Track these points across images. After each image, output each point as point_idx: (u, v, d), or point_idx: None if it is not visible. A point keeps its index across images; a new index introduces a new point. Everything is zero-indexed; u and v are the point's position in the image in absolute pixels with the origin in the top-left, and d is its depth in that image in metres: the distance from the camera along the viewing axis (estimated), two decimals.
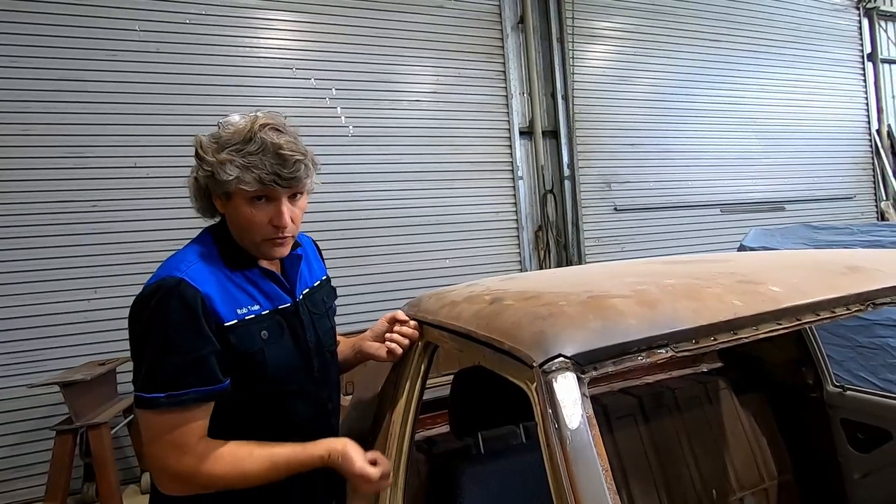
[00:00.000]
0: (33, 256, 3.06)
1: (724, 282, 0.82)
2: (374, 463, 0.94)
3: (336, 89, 3.84)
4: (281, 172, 0.94)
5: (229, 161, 0.92)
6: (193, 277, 0.92)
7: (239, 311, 0.96)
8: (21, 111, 3.06)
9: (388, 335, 1.14)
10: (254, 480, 0.92)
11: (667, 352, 0.65)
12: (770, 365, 1.72)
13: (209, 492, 0.91)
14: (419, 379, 1.05)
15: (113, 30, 3.25)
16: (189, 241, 1.02)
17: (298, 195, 1.00)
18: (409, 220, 4.00)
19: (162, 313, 0.88)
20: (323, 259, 1.24)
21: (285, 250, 1.01)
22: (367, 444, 1.09)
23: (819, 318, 0.76)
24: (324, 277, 1.20)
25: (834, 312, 0.77)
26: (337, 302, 1.22)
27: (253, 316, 0.97)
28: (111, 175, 3.24)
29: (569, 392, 0.59)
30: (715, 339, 0.70)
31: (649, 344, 0.66)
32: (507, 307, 0.85)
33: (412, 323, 1.13)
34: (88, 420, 2.63)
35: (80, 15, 3.19)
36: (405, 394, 1.04)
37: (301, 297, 1.08)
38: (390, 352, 1.12)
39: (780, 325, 0.73)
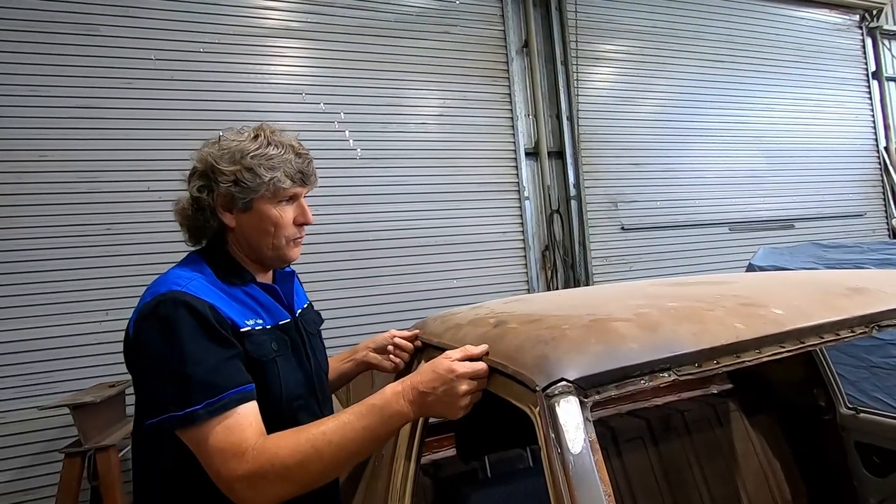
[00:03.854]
0: (46, 279, 3.10)
1: (726, 304, 0.82)
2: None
3: (345, 113, 3.91)
4: (304, 170, 1.00)
5: (257, 165, 0.95)
6: (195, 290, 0.90)
7: (248, 322, 0.94)
8: (38, 137, 3.14)
9: (392, 345, 1.17)
10: (329, 452, 0.80)
11: (669, 375, 0.66)
12: (781, 387, 1.70)
13: (295, 487, 0.80)
14: None
15: (129, 59, 3.36)
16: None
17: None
18: (416, 240, 4.03)
19: (172, 325, 0.84)
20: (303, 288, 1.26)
21: (299, 251, 1.05)
22: (370, 469, 1.08)
23: (822, 340, 0.76)
24: (309, 302, 1.22)
25: (838, 335, 0.77)
26: (343, 322, 1.25)
27: (260, 328, 0.96)
28: (125, 199, 3.30)
29: (571, 416, 0.59)
30: (717, 363, 0.70)
31: (651, 368, 0.66)
32: (511, 330, 0.86)
33: (410, 345, 1.15)
34: (97, 442, 2.63)
35: (98, 45, 3.30)
36: None
37: (298, 314, 1.09)
38: (395, 365, 1.15)
39: (784, 347, 0.73)
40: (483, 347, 0.86)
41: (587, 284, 4.51)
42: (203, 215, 0.99)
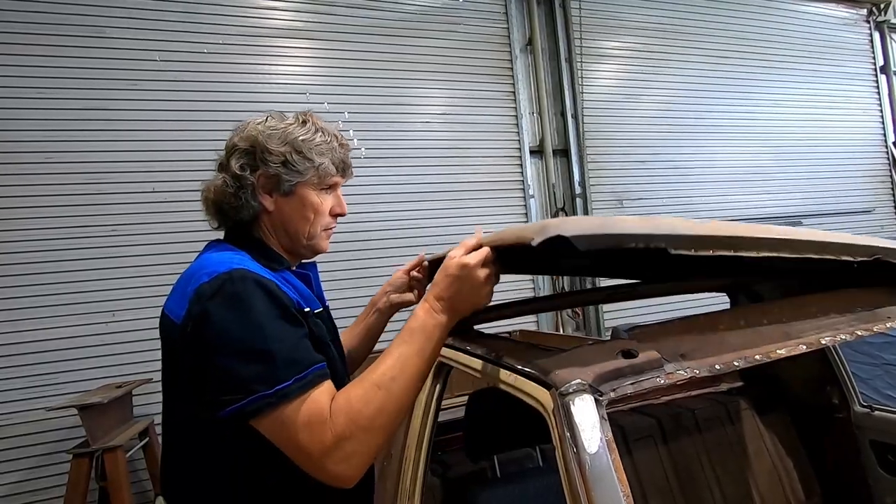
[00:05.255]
0: (52, 280, 3.11)
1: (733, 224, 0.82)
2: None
3: (349, 112, 3.90)
4: (346, 161, 1.01)
5: (308, 149, 0.94)
6: (255, 269, 0.86)
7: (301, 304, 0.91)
8: (43, 139, 3.15)
9: (409, 277, 1.24)
10: (396, 388, 0.78)
11: (664, 249, 0.63)
12: (793, 384, 1.68)
13: (379, 437, 0.77)
14: (433, 401, 1.04)
15: (134, 60, 3.36)
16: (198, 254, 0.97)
17: None
18: (420, 239, 4.01)
19: (246, 301, 0.78)
20: None
21: (329, 244, 1.04)
22: (378, 471, 1.07)
23: (821, 257, 0.75)
24: None
25: (839, 257, 0.76)
26: (347, 322, 1.24)
27: (311, 311, 0.93)
28: (130, 200, 3.31)
29: (587, 415, 0.58)
30: (713, 252, 0.68)
31: (647, 241, 0.64)
32: None
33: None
34: (104, 443, 2.63)
35: (103, 47, 3.31)
36: (419, 417, 1.03)
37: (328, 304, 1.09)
38: (420, 293, 1.20)
39: (781, 255, 0.72)
40: (478, 236, 0.88)
41: (593, 284, 4.49)
42: (244, 195, 0.94)
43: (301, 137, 0.95)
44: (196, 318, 0.80)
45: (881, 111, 6.16)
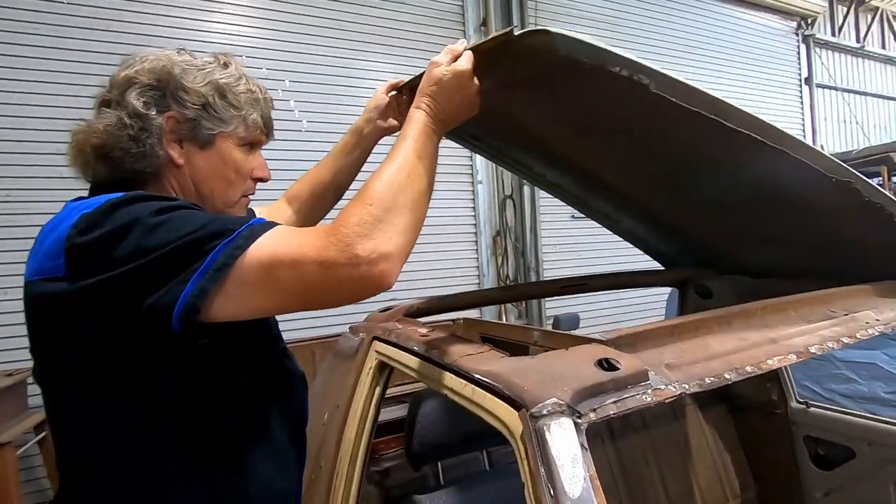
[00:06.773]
0: None
1: None
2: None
3: (290, 81, 3.62)
4: (271, 117, 0.85)
5: (234, 95, 0.77)
6: None
7: None
8: None
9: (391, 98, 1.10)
10: (416, 173, 0.75)
11: (648, 83, 0.59)
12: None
13: (407, 215, 0.70)
14: (372, 404, 0.91)
15: (34, 0, 2.91)
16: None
17: None
18: None
19: (150, 202, 0.63)
20: None
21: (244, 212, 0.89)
22: (307, 484, 0.93)
23: (800, 158, 0.79)
24: None
25: (817, 165, 0.81)
26: None
27: None
28: (28, 162, 2.89)
29: (567, 445, 0.46)
30: (695, 109, 0.69)
31: (632, 69, 0.62)
32: None
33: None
34: None
35: None
36: (355, 425, 0.89)
37: None
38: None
39: (763, 139, 0.75)
40: (463, 41, 0.83)
41: (537, 272, 4.49)
42: (148, 140, 0.72)
43: (223, 80, 0.77)
44: (91, 245, 0.61)
45: (802, 121, 6.58)
